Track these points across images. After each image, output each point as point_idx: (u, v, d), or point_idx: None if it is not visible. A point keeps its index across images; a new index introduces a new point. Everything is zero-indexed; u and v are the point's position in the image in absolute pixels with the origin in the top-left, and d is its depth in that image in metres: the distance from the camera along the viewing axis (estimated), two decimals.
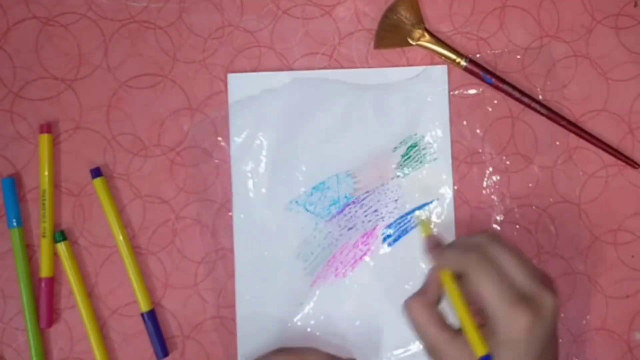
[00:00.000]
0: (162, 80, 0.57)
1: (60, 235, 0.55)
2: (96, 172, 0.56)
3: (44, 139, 0.56)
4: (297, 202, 0.57)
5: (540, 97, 0.57)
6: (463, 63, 0.56)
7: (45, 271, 0.55)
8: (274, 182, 0.56)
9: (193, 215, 0.57)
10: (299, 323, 0.56)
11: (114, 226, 0.56)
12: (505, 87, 0.56)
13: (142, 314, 0.55)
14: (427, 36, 0.56)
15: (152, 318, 0.55)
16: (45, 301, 0.55)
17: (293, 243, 0.56)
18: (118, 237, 0.56)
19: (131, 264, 0.56)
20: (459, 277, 0.45)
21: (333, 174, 0.57)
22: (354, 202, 0.57)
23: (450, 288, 0.45)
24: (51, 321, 0.56)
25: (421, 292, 0.47)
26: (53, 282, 0.56)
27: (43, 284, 0.55)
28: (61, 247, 0.55)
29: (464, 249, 0.46)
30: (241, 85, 0.57)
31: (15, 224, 0.55)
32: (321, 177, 0.57)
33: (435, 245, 0.50)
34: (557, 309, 0.44)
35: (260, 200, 0.56)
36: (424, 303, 0.46)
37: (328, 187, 0.57)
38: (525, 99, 0.56)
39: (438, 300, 0.47)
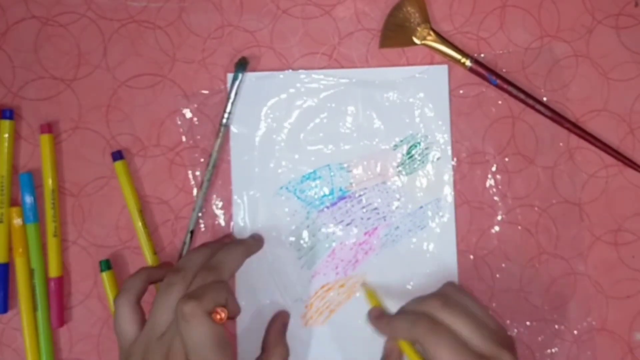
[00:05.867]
0: (161, 80, 0.57)
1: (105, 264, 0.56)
2: (118, 155, 0.56)
3: (45, 139, 0.56)
4: (287, 188, 0.57)
5: (541, 97, 0.57)
6: (468, 63, 0.56)
7: (54, 271, 0.55)
8: (266, 170, 0.57)
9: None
10: (299, 323, 0.56)
11: (133, 211, 0.56)
12: (509, 88, 0.56)
13: None
14: (433, 35, 0.56)
15: None
16: (56, 301, 0.55)
17: (285, 229, 0.57)
18: (137, 224, 0.56)
19: (148, 250, 0.56)
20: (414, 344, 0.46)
21: (325, 164, 0.57)
22: (349, 197, 0.57)
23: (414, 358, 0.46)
24: (63, 321, 0.55)
25: None
26: (62, 281, 0.56)
27: (52, 284, 0.55)
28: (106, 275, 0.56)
29: (413, 317, 0.46)
30: (243, 84, 0.56)
31: (32, 219, 0.55)
32: (313, 166, 0.57)
33: (379, 315, 0.50)
34: None
35: (257, 196, 0.57)
36: None
37: (319, 176, 0.57)
38: (530, 101, 0.56)
39: None
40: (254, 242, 0.55)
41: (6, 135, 0.55)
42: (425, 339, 0.44)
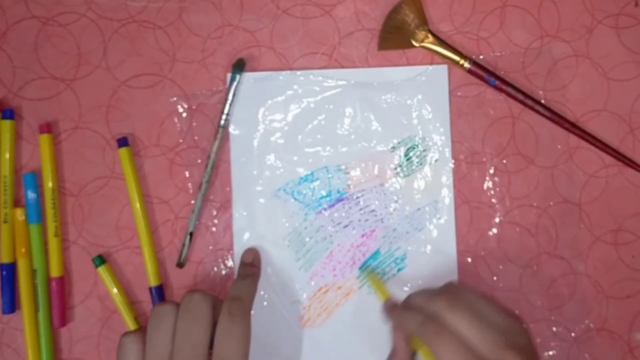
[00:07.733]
0: (161, 80, 0.57)
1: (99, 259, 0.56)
2: (123, 142, 0.56)
3: (45, 139, 0.56)
4: (285, 190, 0.57)
5: (541, 97, 0.57)
6: (466, 65, 0.56)
7: (55, 271, 0.55)
8: (264, 171, 0.57)
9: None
10: (297, 325, 0.56)
11: (134, 197, 0.56)
12: (508, 89, 0.56)
13: (150, 289, 0.56)
14: (430, 37, 0.56)
15: (159, 293, 0.56)
16: (58, 301, 0.55)
17: (282, 231, 0.57)
18: (135, 205, 0.56)
19: (145, 235, 0.56)
20: None
21: (322, 165, 0.57)
22: (347, 199, 0.57)
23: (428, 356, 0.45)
24: (65, 321, 0.56)
25: (394, 357, 0.50)
26: (64, 281, 0.56)
27: (54, 284, 0.55)
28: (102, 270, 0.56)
29: (422, 318, 0.46)
30: (240, 85, 0.56)
31: (36, 219, 0.55)
32: (310, 168, 0.57)
33: (392, 307, 0.52)
34: None
35: (257, 195, 0.57)
36: None
37: (317, 178, 0.57)
38: (529, 102, 0.56)
39: None
40: (258, 270, 0.56)
41: (7, 136, 0.55)
42: (431, 342, 0.44)
